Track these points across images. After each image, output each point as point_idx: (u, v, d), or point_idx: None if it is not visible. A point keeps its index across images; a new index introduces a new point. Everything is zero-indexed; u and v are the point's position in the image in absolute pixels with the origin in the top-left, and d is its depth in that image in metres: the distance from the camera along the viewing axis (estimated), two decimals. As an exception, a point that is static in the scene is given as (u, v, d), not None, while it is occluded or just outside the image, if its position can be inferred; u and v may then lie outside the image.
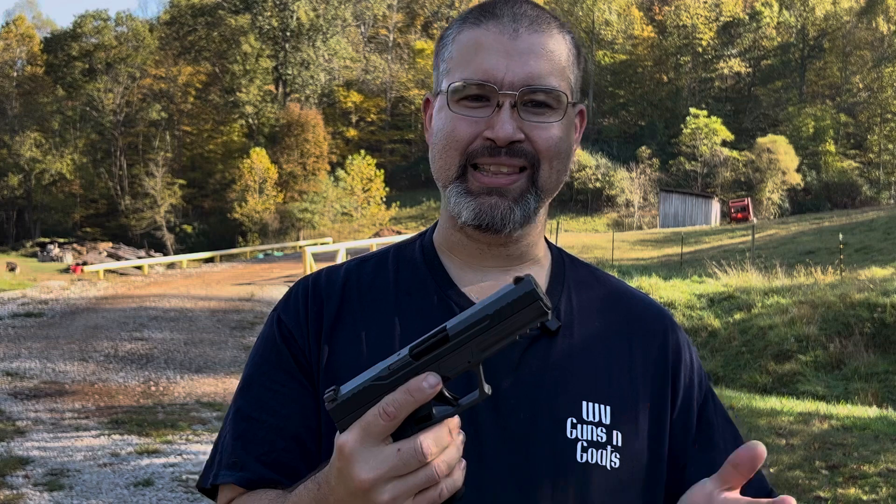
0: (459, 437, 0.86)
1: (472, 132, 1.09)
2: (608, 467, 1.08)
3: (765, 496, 1.18)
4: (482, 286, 1.15)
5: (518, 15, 1.11)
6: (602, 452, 1.08)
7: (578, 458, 1.07)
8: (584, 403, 1.09)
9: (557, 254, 1.24)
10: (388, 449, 0.83)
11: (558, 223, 42.89)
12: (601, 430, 1.08)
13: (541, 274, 1.19)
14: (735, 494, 0.96)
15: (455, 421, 0.86)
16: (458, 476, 0.86)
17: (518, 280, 0.85)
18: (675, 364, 1.18)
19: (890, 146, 63.88)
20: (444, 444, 0.84)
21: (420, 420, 0.84)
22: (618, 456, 1.09)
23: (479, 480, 1.04)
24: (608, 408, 1.10)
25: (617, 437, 1.09)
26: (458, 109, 1.10)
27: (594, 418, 1.09)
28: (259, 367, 1.15)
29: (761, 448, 0.93)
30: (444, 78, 1.14)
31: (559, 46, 1.13)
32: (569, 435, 1.07)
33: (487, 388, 0.88)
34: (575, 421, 1.08)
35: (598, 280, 1.24)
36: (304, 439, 1.09)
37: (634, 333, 1.18)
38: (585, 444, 1.07)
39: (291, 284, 1.25)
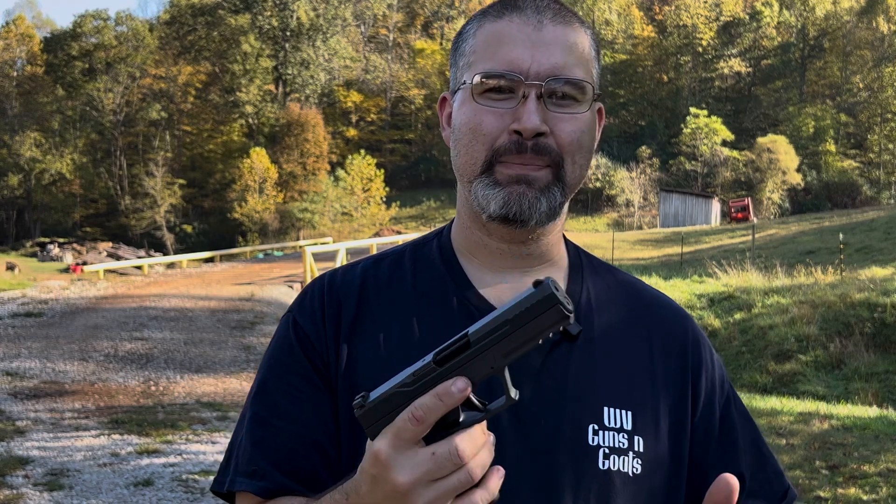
0: (490, 438, 0.86)
1: (499, 125, 1.07)
2: (630, 474, 1.07)
3: (781, 494, 1.18)
4: (501, 288, 1.14)
5: (541, 7, 1.10)
6: (624, 459, 1.07)
7: (601, 465, 1.06)
8: (606, 409, 1.08)
9: (575, 254, 1.22)
10: (422, 452, 0.82)
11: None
12: (623, 437, 1.07)
13: (559, 276, 1.17)
14: None
15: (483, 425, 0.86)
16: (494, 484, 0.85)
17: (538, 283, 0.84)
18: (696, 366, 1.17)
19: (890, 146, 63.91)
20: (478, 446, 0.83)
21: (449, 425, 0.84)
22: (639, 462, 1.07)
23: (502, 490, 1.03)
24: (630, 413, 1.09)
25: (639, 443, 1.08)
26: (482, 101, 1.08)
27: (616, 424, 1.08)
28: (275, 371, 1.13)
29: (733, 482, 0.94)
30: (465, 71, 1.12)
31: (582, 39, 1.11)
32: (591, 442, 1.06)
33: (514, 393, 0.87)
34: (597, 427, 1.07)
35: (618, 280, 1.22)
36: (324, 446, 1.08)
37: (654, 335, 1.16)
38: (608, 450, 1.06)
39: (294, 284, 1.23)
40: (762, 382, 12.19)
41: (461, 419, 0.85)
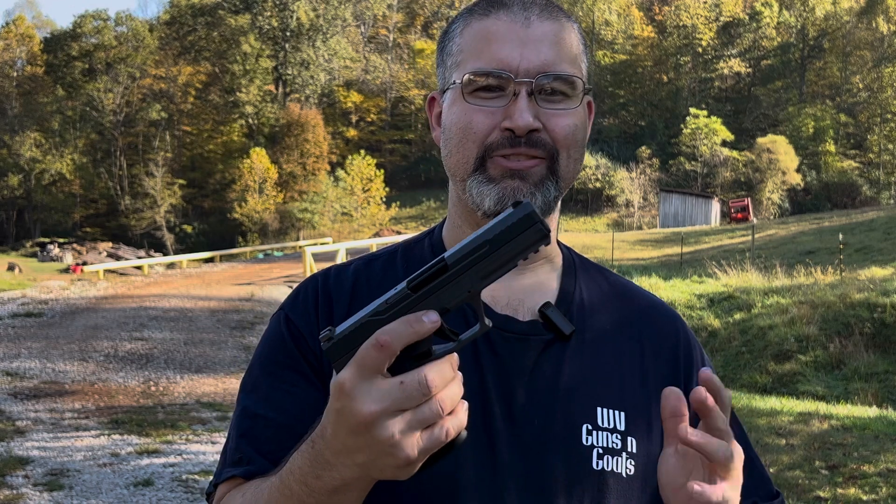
0: (459, 375, 0.82)
1: (490, 123, 1.07)
2: (623, 474, 1.07)
3: (768, 499, 1.17)
4: (494, 286, 1.14)
5: (528, 3, 1.10)
6: (617, 459, 1.06)
7: (594, 466, 1.05)
8: (599, 409, 1.08)
9: (568, 254, 1.23)
10: (390, 382, 0.79)
11: (558, 223, 42.87)
12: (616, 437, 1.07)
13: (553, 275, 1.18)
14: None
15: (455, 358, 0.82)
16: (462, 416, 0.82)
17: (517, 204, 0.82)
18: (687, 367, 1.17)
19: (890, 146, 63.91)
20: (447, 378, 0.80)
21: (420, 356, 0.80)
22: (633, 462, 1.07)
23: (494, 489, 1.02)
24: (622, 413, 1.09)
25: (632, 444, 1.08)
26: (473, 101, 1.08)
27: (609, 424, 1.07)
28: (266, 368, 1.12)
29: (715, 380, 0.91)
30: (454, 71, 1.11)
31: (570, 35, 1.11)
32: (584, 442, 1.06)
33: (488, 322, 0.85)
34: (590, 427, 1.06)
35: (609, 281, 1.22)
36: None
37: (646, 337, 1.17)
38: (601, 451, 1.06)
39: (293, 284, 1.22)
40: (762, 382, 12.19)
41: (433, 350, 0.81)
